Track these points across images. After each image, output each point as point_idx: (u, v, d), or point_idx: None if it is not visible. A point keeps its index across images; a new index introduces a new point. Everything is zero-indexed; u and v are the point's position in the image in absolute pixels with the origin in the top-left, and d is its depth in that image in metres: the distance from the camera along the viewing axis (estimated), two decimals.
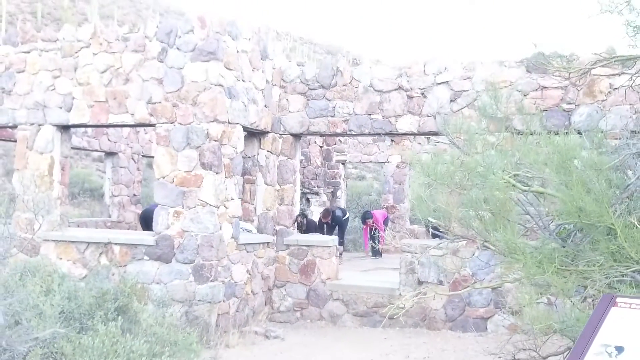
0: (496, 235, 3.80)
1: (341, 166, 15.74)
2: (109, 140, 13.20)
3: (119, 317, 5.19)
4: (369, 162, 16.08)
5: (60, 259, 8.37)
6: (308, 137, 15.35)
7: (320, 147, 15.59)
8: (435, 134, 8.42)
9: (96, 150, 13.25)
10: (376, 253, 13.54)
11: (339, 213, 13.24)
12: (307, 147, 15.26)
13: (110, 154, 13.47)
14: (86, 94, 8.36)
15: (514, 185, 4.28)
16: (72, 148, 12.51)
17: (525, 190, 4.52)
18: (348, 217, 14.00)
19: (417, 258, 8.42)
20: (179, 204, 7.81)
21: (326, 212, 13.11)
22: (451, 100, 8.44)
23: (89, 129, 12.70)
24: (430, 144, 14.91)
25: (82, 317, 6.11)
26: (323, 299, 8.91)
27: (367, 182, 25.04)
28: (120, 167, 13.49)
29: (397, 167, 15.16)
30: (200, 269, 7.69)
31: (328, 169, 15.70)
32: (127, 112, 8.19)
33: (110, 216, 13.51)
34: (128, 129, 13.70)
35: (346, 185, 16.73)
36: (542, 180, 4.75)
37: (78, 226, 12.41)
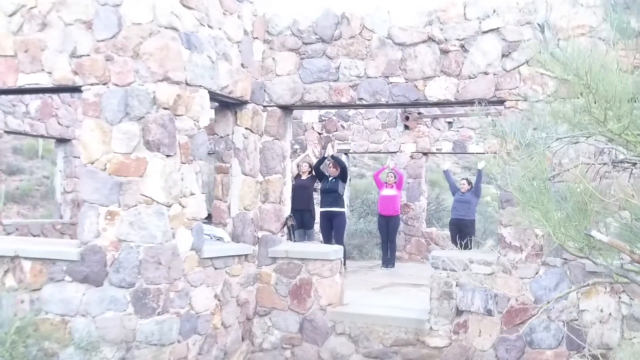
0: None
1: (344, 156, 13.16)
2: (59, 124, 10.73)
3: None
4: (378, 152, 13.56)
5: None
6: (304, 122, 12.87)
7: (319, 133, 13.10)
8: (484, 102, 5.90)
9: (42, 136, 10.80)
10: (387, 262, 11.06)
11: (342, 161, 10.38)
12: (303, 134, 12.78)
13: (61, 140, 11.00)
14: None
15: None
16: (9, 132, 10.11)
17: None
18: (345, 214, 10.99)
19: (455, 277, 5.98)
20: (113, 201, 5.38)
21: (335, 163, 10.22)
22: (503, 55, 5.98)
23: (32, 109, 10.25)
24: (452, 130, 12.40)
25: None
26: (323, 333, 6.46)
27: (367, 180, 22.81)
28: (74, 157, 10.99)
29: (412, 157, 12.62)
30: (143, 296, 5.27)
31: None
32: (43, 70, 5.76)
33: (62, 217, 11.05)
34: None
35: (349, 181, 14.17)
36: None
37: (17, 229, 10.00)
